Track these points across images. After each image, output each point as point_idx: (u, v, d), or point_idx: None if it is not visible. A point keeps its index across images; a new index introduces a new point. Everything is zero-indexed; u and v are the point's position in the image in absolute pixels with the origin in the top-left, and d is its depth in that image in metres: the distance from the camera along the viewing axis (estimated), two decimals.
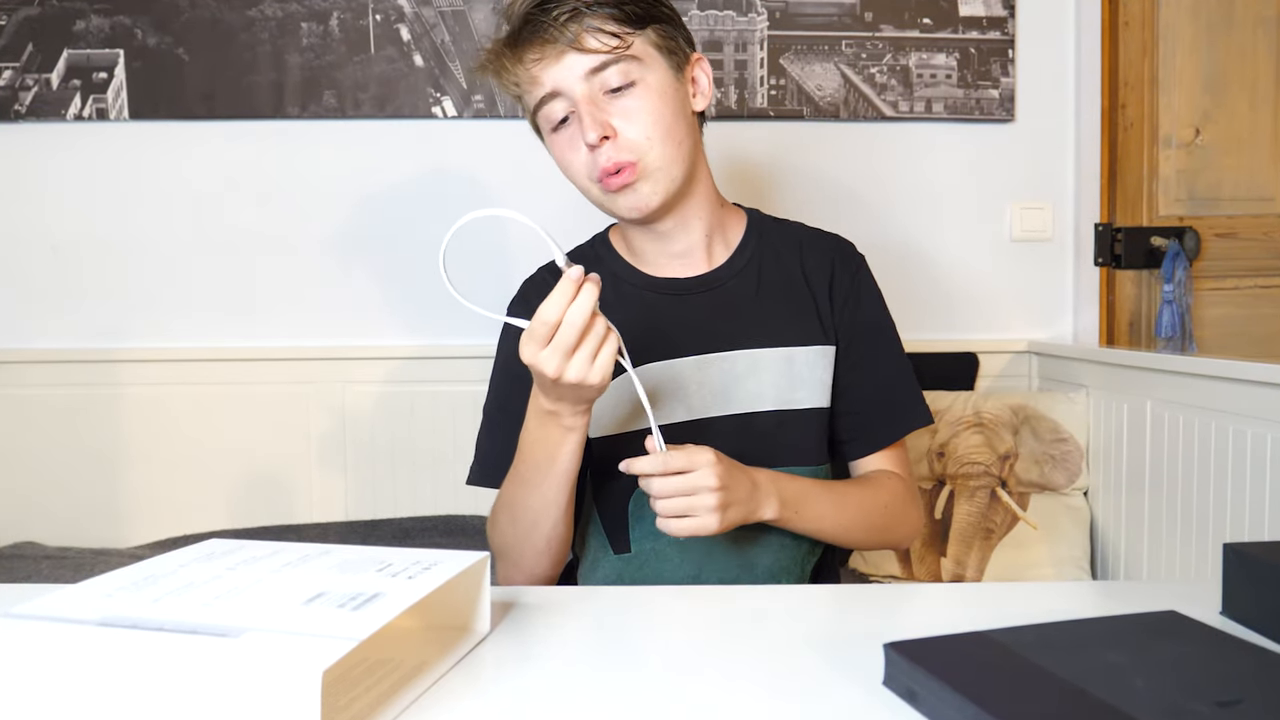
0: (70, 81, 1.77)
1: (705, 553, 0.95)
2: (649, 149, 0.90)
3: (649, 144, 0.90)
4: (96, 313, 1.82)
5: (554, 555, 0.91)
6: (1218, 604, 0.67)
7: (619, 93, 0.90)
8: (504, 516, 0.92)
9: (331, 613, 0.52)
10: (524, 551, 0.90)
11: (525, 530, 0.89)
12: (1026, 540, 1.63)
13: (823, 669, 0.58)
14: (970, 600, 0.77)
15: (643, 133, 0.90)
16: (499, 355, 1.04)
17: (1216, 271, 1.95)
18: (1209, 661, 0.53)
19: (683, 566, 0.96)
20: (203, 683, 0.46)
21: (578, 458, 0.85)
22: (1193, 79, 1.92)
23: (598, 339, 0.74)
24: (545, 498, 0.87)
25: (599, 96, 0.90)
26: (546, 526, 0.88)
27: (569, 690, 0.56)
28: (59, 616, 0.52)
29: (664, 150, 0.91)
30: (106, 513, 1.79)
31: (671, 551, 0.96)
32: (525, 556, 0.91)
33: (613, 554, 0.98)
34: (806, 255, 1.03)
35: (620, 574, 0.98)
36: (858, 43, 1.85)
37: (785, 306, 1.00)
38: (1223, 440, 1.33)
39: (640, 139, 0.90)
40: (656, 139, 0.90)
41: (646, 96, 0.90)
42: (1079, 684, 0.49)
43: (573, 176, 0.94)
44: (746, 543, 0.95)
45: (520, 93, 0.94)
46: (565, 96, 0.90)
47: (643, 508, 0.96)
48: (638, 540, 0.97)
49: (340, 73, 1.80)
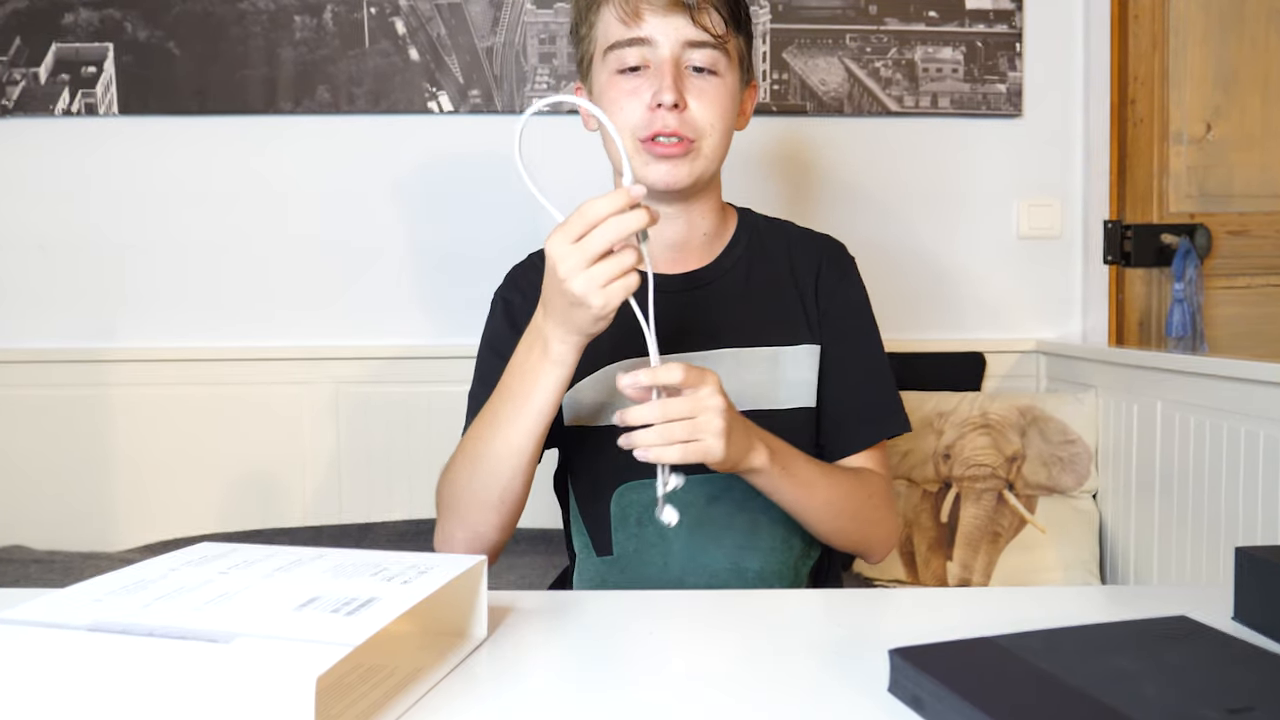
0: (58, 76, 1.77)
1: (690, 556, 0.95)
2: (708, 134, 0.95)
3: (710, 130, 0.95)
4: (85, 312, 1.82)
5: (504, 515, 0.88)
6: (1229, 609, 0.67)
7: (700, 73, 0.94)
8: (462, 463, 0.89)
9: (325, 618, 0.52)
10: (473, 504, 0.88)
11: (482, 479, 0.86)
12: (1034, 543, 1.63)
13: (826, 675, 0.58)
14: (977, 605, 0.77)
15: (709, 118, 0.94)
16: (485, 333, 1.04)
17: (1228, 270, 1.94)
18: (1220, 668, 0.53)
19: (667, 570, 0.96)
20: (194, 690, 0.46)
21: (554, 402, 0.82)
22: (1204, 73, 1.92)
23: (620, 267, 0.72)
24: (511, 443, 0.84)
25: (684, 69, 0.94)
26: (505, 476, 0.85)
27: (567, 697, 0.56)
28: (47, 622, 0.52)
29: (717, 141, 0.96)
30: (95, 516, 1.79)
31: (655, 554, 0.96)
32: (473, 510, 0.88)
33: (595, 556, 0.98)
34: (796, 254, 1.05)
35: (603, 578, 0.98)
36: (862, 36, 1.85)
37: (772, 306, 1.01)
38: (1234, 442, 1.33)
39: (705, 122, 0.94)
40: (718, 129, 0.95)
41: (722, 89, 0.95)
42: (1088, 690, 0.49)
43: (617, 121, 0.93)
44: (735, 545, 0.95)
45: (600, 18, 0.96)
46: (653, 50, 0.93)
47: (625, 508, 0.96)
48: (620, 542, 0.97)
49: (334, 67, 1.80)
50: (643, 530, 0.96)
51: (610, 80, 0.95)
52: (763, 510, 0.95)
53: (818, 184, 1.88)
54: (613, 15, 0.94)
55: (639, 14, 0.92)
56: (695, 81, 0.94)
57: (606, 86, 0.96)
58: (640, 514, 0.96)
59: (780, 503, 0.90)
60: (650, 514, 0.91)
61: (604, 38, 0.96)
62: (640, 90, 0.93)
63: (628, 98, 0.94)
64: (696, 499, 0.95)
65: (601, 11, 0.95)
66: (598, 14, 0.96)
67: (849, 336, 1.02)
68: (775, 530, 0.96)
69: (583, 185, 1.01)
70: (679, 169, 0.94)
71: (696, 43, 0.93)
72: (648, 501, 0.94)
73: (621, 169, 0.86)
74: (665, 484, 0.76)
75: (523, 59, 1.81)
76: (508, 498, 0.87)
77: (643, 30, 0.92)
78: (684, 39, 0.92)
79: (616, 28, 0.94)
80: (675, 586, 0.95)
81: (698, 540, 0.95)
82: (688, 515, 0.94)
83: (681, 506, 0.92)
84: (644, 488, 0.95)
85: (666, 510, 0.77)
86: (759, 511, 0.95)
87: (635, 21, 0.93)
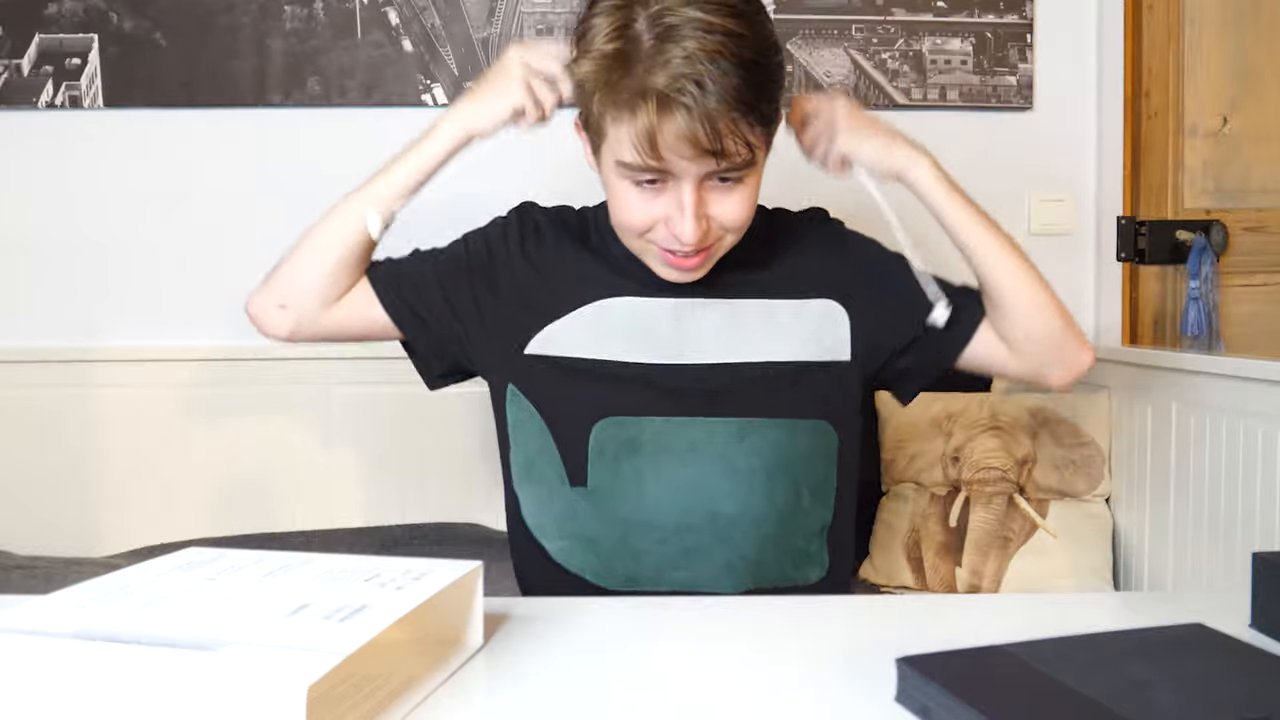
0: (42, 68, 1.77)
1: (664, 496, 0.96)
2: (731, 234, 0.95)
3: (734, 232, 0.95)
4: (68, 310, 1.81)
5: (313, 286, 1.05)
6: (1246, 616, 0.67)
7: (725, 183, 0.91)
8: (305, 236, 1.07)
9: (316, 625, 0.52)
10: (298, 265, 1.06)
11: (320, 239, 1.05)
12: (1046, 549, 1.63)
13: (832, 683, 0.58)
14: (987, 612, 0.77)
15: (732, 223, 0.94)
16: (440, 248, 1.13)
17: (1245, 267, 1.94)
18: (1237, 676, 0.53)
19: (640, 509, 0.96)
20: (181, 700, 0.47)
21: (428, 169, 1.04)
22: (1220, 65, 1.92)
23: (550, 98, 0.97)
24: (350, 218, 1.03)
25: (706, 186, 0.91)
26: (333, 244, 1.04)
27: (566, 706, 0.56)
28: (30, 629, 0.52)
29: (739, 235, 0.96)
30: (79, 520, 1.79)
31: (630, 490, 0.96)
32: (294, 274, 1.06)
33: (569, 486, 0.99)
34: (792, 242, 1.08)
35: (574, 509, 0.98)
36: (868, 27, 1.85)
37: (790, 267, 1.05)
38: (1251, 444, 1.33)
39: (728, 226, 0.94)
40: (741, 228, 0.95)
41: (747, 192, 0.93)
42: (1101, 700, 0.49)
43: (627, 224, 0.94)
44: (712, 490, 0.96)
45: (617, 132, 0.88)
46: (674, 178, 0.89)
47: (604, 442, 0.97)
48: (595, 475, 0.98)
49: (325, 58, 1.80)
50: (618, 465, 0.97)
51: (621, 185, 0.92)
52: (743, 458, 0.97)
53: (820, 180, 1.87)
54: (629, 133, 0.86)
55: (659, 152, 0.85)
56: (718, 194, 0.91)
57: (616, 188, 0.93)
58: (618, 449, 0.97)
59: (961, 228, 1.05)
60: (627, 450, 0.97)
61: (616, 148, 0.89)
62: (656, 206, 0.91)
63: (641, 210, 0.92)
64: (678, 443, 0.97)
65: (630, 116, 0.85)
66: (620, 117, 0.87)
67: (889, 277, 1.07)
68: (755, 479, 0.97)
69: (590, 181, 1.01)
70: (694, 273, 0.96)
71: (721, 171, 0.89)
72: (626, 438, 0.97)
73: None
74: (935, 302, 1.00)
75: None
76: (323, 268, 1.04)
77: (659, 162, 0.87)
78: (706, 171, 0.88)
79: (631, 151, 0.87)
80: (646, 525, 0.96)
81: (673, 482, 0.96)
82: (667, 455, 0.97)
83: (662, 446, 0.97)
84: (624, 424, 0.97)
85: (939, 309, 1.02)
86: (739, 459, 0.97)
87: (656, 156, 0.86)
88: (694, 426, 0.97)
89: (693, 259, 0.94)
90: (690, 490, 0.96)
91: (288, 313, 1.06)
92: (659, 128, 0.84)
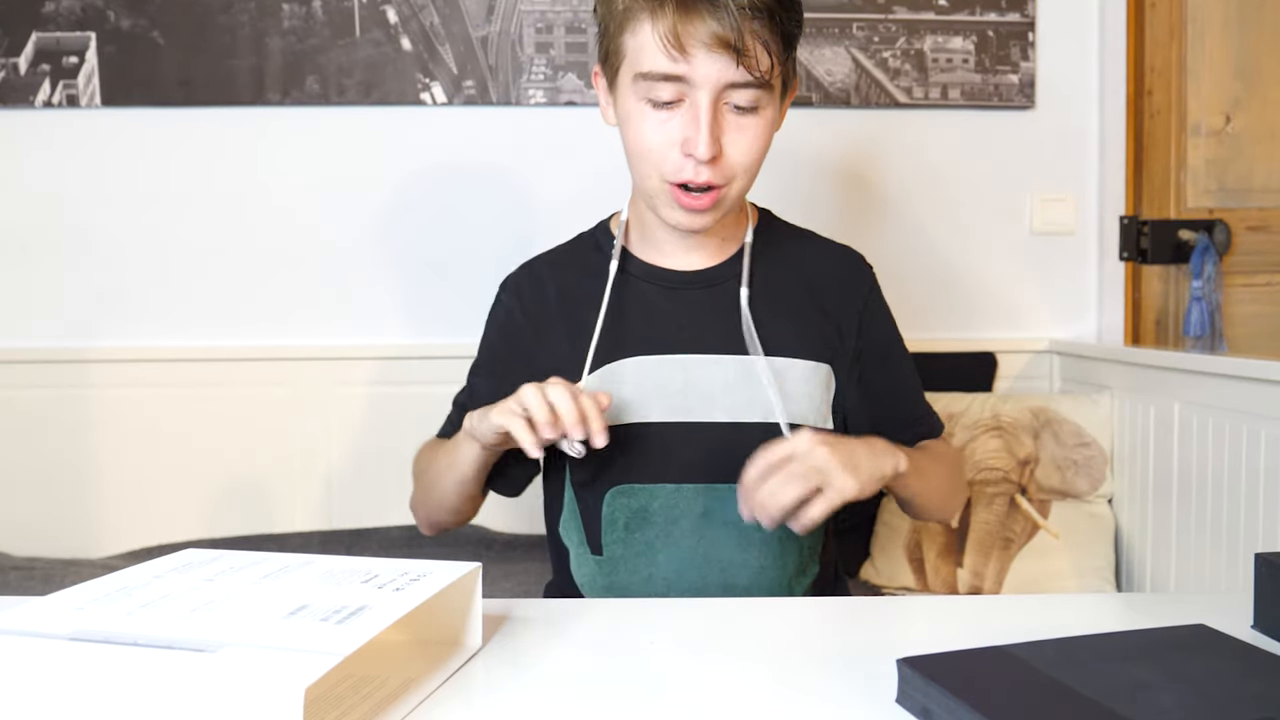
0: (39, 66, 1.77)
1: (677, 569, 0.95)
2: (739, 177, 0.93)
3: (743, 173, 0.93)
4: (65, 310, 1.81)
5: (449, 515, 1.07)
6: (1249, 617, 0.67)
7: (740, 111, 0.90)
8: (423, 467, 1.08)
9: (314, 626, 0.52)
10: (427, 502, 1.07)
11: (431, 490, 1.05)
12: (1047, 550, 1.63)
13: (833, 685, 0.58)
14: (988, 613, 0.77)
15: (743, 161, 0.92)
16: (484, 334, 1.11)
17: (1248, 266, 1.94)
18: (1240, 678, 0.53)
19: (651, 581, 0.96)
20: (179, 701, 0.47)
21: (477, 469, 0.97)
22: (1223, 63, 1.92)
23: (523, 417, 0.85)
24: (445, 483, 1.01)
25: (723, 108, 0.89)
26: (445, 498, 1.03)
27: (565, 709, 0.56)
28: (27, 631, 0.52)
29: (747, 182, 0.94)
30: (77, 521, 1.79)
31: (641, 562, 0.96)
32: (428, 505, 1.07)
33: (590, 553, 1.00)
34: (814, 267, 1.05)
35: (594, 575, 0.99)
36: (869, 25, 1.85)
37: (783, 316, 1.01)
38: (1254, 444, 1.33)
39: (739, 166, 0.92)
40: (750, 170, 0.93)
41: (761, 127, 0.91)
42: (1103, 701, 0.49)
43: (641, 152, 0.93)
44: (724, 561, 0.96)
45: (634, 27, 0.89)
46: (691, 88, 0.88)
47: (614, 511, 0.97)
48: (609, 545, 0.98)
49: (324, 57, 1.80)
50: (630, 536, 0.97)
51: (638, 108, 0.91)
52: (756, 528, 0.95)
53: (822, 179, 1.88)
54: (650, 36, 0.87)
55: (683, 47, 0.85)
56: (734, 120, 0.90)
57: (633, 113, 0.92)
58: (629, 519, 0.97)
59: (907, 501, 1.01)
60: (639, 520, 0.96)
61: (636, 58, 0.89)
62: (672, 128, 0.89)
63: (657, 133, 0.90)
64: (689, 511, 0.96)
65: (638, 21, 0.88)
66: (632, 20, 0.88)
67: (884, 353, 1.07)
68: (768, 548, 0.97)
69: (590, 180, 1.01)
70: (703, 218, 0.94)
71: (741, 84, 0.87)
72: (636, 507, 0.96)
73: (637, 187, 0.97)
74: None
75: (519, 49, 1.81)
76: (448, 506, 1.04)
77: (682, 68, 0.86)
78: (726, 81, 0.87)
79: (653, 55, 0.87)
80: (660, 597, 0.95)
81: (686, 553, 0.95)
82: (678, 527, 0.96)
83: (673, 518, 0.96)
84: (633, 492, 0.96)
85: None
86: (752, 528, 0.95)
87: (677, 54, 0.86)
88: (706, 494, 0.96)
89: (703, 198, 0.91)
90: (703, 564, 0.96)
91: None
92: (683, 22, 0.85)
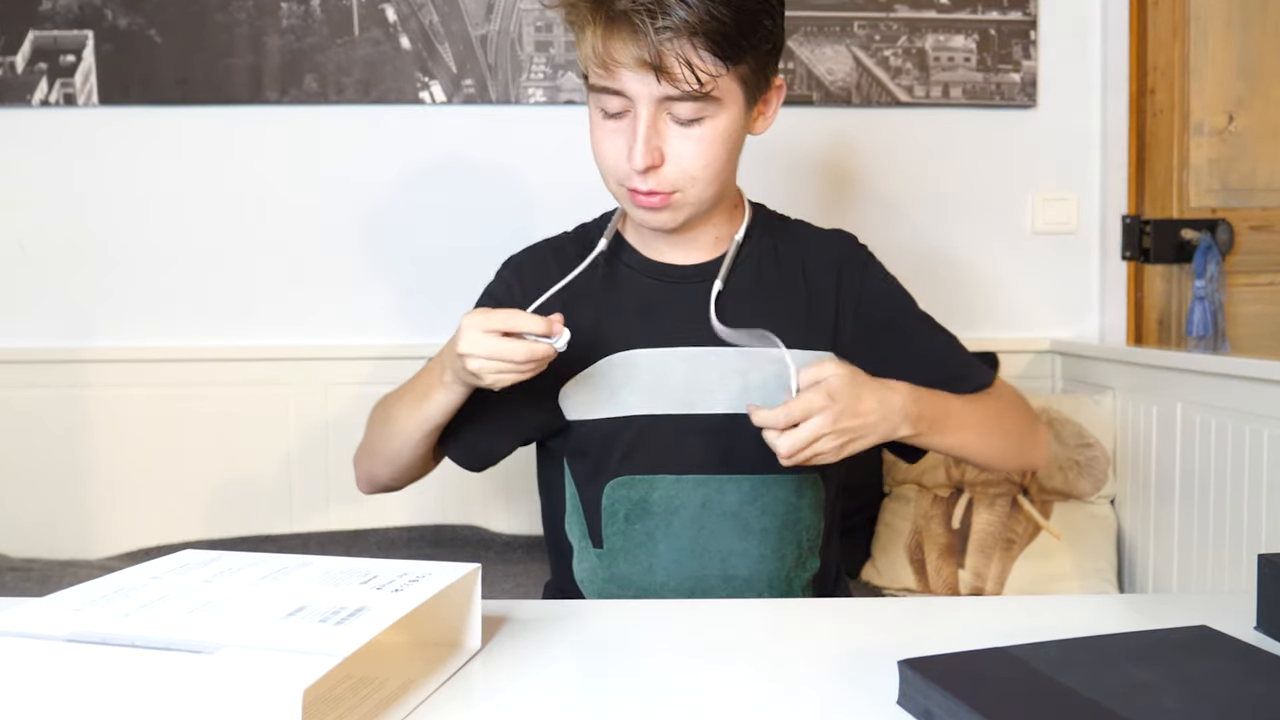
0: (36, 65, 1.77)
1: (676, 559, 0.97)
2: (689, 186, 0.93)
3: (691, 182, 0.92)
4: (62, 310, 1.81)
5: (395, 471, 1.04)
6: (1252, 618, 0.67)
7: (685, 123, 0.91)
8: (381, 416, 1.04)
9: (313, 628, 0.52)
10: (375, 454, 1.05)
11: (385, 439, 1.02)
12: (1049, 551, 1.63)
13: (834, 687, 0.58)
14: (990, 614, 0.77)
15: (689, 171, 0.92)
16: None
17: (1251, 266, 1.94)
18: (1242, 679, 0.53)
19: (651, 571, 0.98)
20: (177, 702, 0.47)
21: (444, 413, 0.95)
22: (1226, 62, 1.92)
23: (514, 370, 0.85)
24: (405, 429, 0.98)
25: (662, 120, 0.90)
26: (399, 447, 1.00)
27: (565, 708, 0.56)
28: (24, 632, 0.52)
29: (703, 189, 0.94)
30: (74, 521, 1.79)
31: (641, 553, 0.98)
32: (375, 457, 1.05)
33: (591, 547, 1.01)
34: (809, 256, 1.05)
35: (595, 569, 1.00)
36: (871, 24, 1.85)
37: (781, 307, 1.02)
38: (1257, 445, 1.33)
39: (684, 176, 0.92)
40: (701, 179, 0.93)
41: (708, 138, 0.91)
42: (1105, 703, 0.49)
43: (598, 158, 0.95)
44: (724, 552, 0.97)
45: (583, 39, 0.91)
46: (631, 100, 0.90)
47: (614, 502, 0.98)
48: (609, 536, 0.99)
49: (322, 55, 1.80)
50: (630, 528, 0.98)
51: (595, 116, 0.95)
52: (755, 518, 0.98)
53: (823, 177, 1.88)
54: (589, 48, 0.90)
55: (608, 67, 0.88)
56: (678, 130, 0.90)
57: (592, 121, 0.95)
58: (629, 510, 0.98)
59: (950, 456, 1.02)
60: (638, 512, 0.98)
61: (587, 70, 0.92)
62: (620, 135, 0.92)
63: (609, 142, 0.93)
64: (689, 503, 0.97)
65: (581, 36, 0.91)
66: (578, 34, 0.92)
67: (899, 325, 1.06)
68: (767, 539, 0.98)
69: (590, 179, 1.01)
70: (660, 216, 0.95)
71: (673, 97, 0.88)
72: (636, 498, 0.98)
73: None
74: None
75: (518, 47, 1.81)
76: (399, 461, 1.02)
77: (616, 83, 0.89)
78: (659, 95, 0.88)
79: (593, 69, 0.91)
80: (659, 589, 0.97)
81: (685, 544, 0.97)
82: (678, 518, 0.97)
83: (673, 509, 0.97)
84: (633, 484, 0.98)
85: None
86: (752, 519, 0.98)
87: (605, 69, 0.89)
88: (705, 485, 0.97)
89: (653, 199, 0.92)
90: (703, 555, 0.97)
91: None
92: (606, 42, 0.87)
